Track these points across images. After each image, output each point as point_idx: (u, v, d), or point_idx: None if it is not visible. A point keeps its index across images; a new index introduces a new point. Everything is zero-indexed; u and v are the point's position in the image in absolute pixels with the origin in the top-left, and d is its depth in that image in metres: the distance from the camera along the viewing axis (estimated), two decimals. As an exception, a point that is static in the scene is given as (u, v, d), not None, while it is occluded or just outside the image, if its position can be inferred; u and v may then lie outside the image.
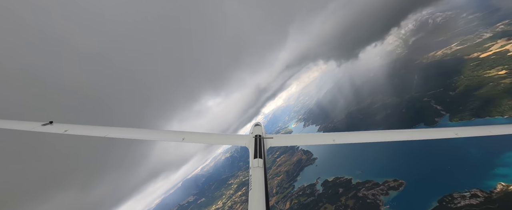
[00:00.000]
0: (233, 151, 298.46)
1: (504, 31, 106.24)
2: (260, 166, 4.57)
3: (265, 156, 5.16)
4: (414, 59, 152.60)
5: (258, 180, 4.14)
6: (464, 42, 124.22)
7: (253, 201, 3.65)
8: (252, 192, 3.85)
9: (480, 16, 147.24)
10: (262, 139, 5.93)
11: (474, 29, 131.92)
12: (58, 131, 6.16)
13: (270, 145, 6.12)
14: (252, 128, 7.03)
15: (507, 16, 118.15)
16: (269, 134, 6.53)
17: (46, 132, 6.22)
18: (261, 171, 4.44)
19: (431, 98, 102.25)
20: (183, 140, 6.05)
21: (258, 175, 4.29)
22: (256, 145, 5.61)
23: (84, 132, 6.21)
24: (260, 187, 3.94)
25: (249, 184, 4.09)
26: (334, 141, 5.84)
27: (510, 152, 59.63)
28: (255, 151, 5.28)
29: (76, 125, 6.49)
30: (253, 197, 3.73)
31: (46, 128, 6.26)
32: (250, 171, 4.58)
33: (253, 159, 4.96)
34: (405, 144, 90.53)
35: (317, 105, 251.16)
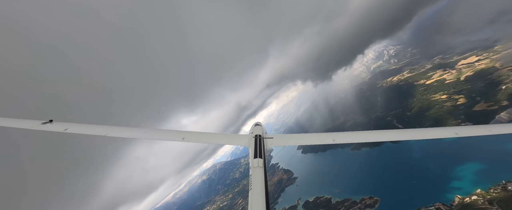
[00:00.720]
0: (210, 173, 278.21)
1: (440, 64, 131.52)
2: (260, 166, 4.54)
3: (265, 156, 5.10)
4: (376, 83, 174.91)
5: (258, 180, 4.12)
6: (412, 70, 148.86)
7: (253, 201, 3.64)
8: (252, 192, 3.83)
9: (421, 51, 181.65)
10: (262, 138, 5.90)
11: (418, 60, 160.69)
12: (58, 130, 6.13)
13: (270, 144, 6.08)
14: (252, 127, 6.95)
15: (441, 52, 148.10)
16: (269, 134, 6.49)
17: (46, 130, 6.16)
18: (261, 171, 4.40)
19: (393, 117, 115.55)
20: (183, 140, 6.04)
21: (258, 175, 4.26)
22: (256, 144, 5.56)
23: (83, 130, 6.15)
24: (260, 187, 3.93)
25: (249, 184, 4.06)
26: (334, 141, 5.83)
27: (461, 166, 68.53)
28: (255, 151, 5.22)
29: (76, 123, 6.42)
30: (253, 197, 3.72)
31: (46, 126, 6.23)
32: (250, 171, 4.54)
33: (253, 159, 4.90)
34: (378, 162, 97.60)
35: (296, 122, 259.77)
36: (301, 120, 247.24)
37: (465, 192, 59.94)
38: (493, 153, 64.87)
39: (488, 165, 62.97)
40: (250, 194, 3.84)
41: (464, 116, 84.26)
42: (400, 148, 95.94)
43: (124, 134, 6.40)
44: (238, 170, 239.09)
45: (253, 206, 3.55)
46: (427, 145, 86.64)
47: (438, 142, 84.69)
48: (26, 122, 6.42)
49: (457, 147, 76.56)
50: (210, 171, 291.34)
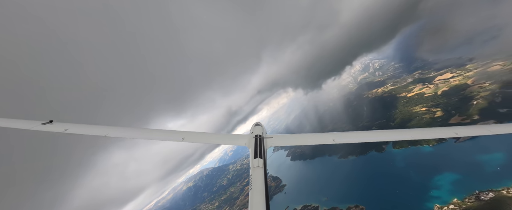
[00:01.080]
0: (197, 179, 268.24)
1: (419, 78, 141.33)
2: (260, 166, 4.55)
3: (265, 156, 5.12)
4: (363, 94, 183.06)
5: (258, 180, 4.12)
6: (395, 83, 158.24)
7: (253, 201, 3.64)
8: (252, 192, 3.83)
9: (403, 65, 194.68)
10: (262, 138, 5.90)
11: (401, 74, 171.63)
12: (58, 130, 6.13)
13: (270, 144, 6.04)
14: (252, 127, 6.95)
15: (420, 67, 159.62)
16: (268, 134, 6.49)
17: (46, 130, 6.15)
18: (261, 171, 4.41)
19: (378, 127, 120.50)
20: (183, 140, 6.06)
21: (258, 175, 4.27)
22: (256, 144, 5.55)
23: (84, 131, 6.14)
24: (260, 187, 3.93)
25: (249, 184, 4.05)
26: (334, 141, 5.82)
27: (439, 176, 72.34)
28: (255, 151, 5.22)
29: (76, 124, 6.41)
30: (254, 197, 3.72)
31: (46, 127, 6.24)
32: (250, 171, 4.55)
33: (253, 159, 4.90)
34: (364, 170, 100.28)
35: (286, 129, 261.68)
36: (291, 126, 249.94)
37: (443, 201, 63.01)
38: (467, 164, 69.51)
39: (463, 175, 67.16)
40: (250, 194, 3.83)
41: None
42: (384, 157, 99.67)
43: (124, 134, 6.37)
44: (226, 176, 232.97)
45: (253, 206, 3.55)
46: (409, 155, 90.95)
47: (419, 152, 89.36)
48: (26, 123, 6.40)
49: (435, 157, 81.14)
50: (197, 177, 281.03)
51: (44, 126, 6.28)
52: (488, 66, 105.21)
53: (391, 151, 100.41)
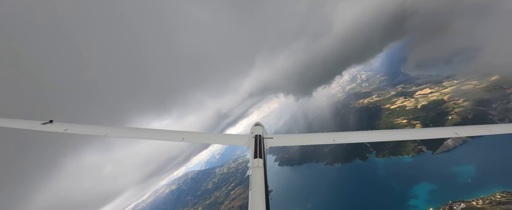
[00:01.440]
0: (181, 182, 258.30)
1: (402, 92, 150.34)
2: (260, 166, 4.55)
3: (265, 156, 5.11)
4: (350, 103, 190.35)
5: (258, 180, 4.12)
6: (380, 95, 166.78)
7: (253, 201, 3.65)
8: (252, 192, 3.83)
9: (387, 79, 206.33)
10: (262, 139, 5.89)
11: (385, 87, 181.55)
12: (58, 130, 6.16)
13: (270, 145, 6.04)
14: (252, 127, 6.99)
15: (403, 82, 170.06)
16: (269, 134, 6.50)
17: (46, 130, 6.18)
18: (261, 171, 4.42)
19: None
20: (183, 140, 6.10)
21: (258, 175, 4.26)
22: (256, 144, 5.54)
23: (84, 131, 6.18)
24: (260, 187, 3.94)
25: (249, 184, 4.08)
26: (334, 141, 5.84)
27: (417, 185, 76.30)
28: (255, 151, 5.19)
29: (76, 124, 6.44)
30: (254, 197, 3.73)
31: (46, 127, 6.28)
32: (250, 171, 4.54)
33: (253, 159, 4.88)
34: (349, 177, 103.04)
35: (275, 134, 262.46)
36: (281, 131, 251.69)
37: (421, 210, 66.45)
38: (442, 175, 74.24)
39: (438, 186, 71.50)
40: (251, 194, 3.84)
41: (421, 140, 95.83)
42: (367, 166, 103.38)
43: (124, 134, 6.40)
44: (211, 180, 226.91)
45: (253, 206, 3.54)
46: (391, 164, 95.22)
47: (399, 162, 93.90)
48: (27, 123, 6.42)
49: (414, 168, 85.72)
50: (181, 180, 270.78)
51: (44, 126, 6.32)
52: (462, 84, 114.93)
53: (374, 160, 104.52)
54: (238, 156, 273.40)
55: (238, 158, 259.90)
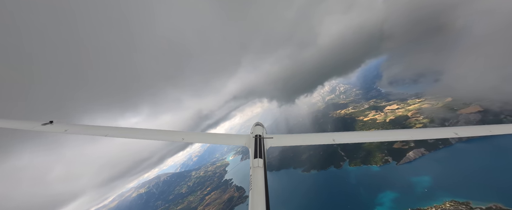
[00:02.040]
0: (151, 185, 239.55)
1: (373, 106, 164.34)
2: (260, 166, 4.54)
3: (265, 156, 5.08)
4: (328, 113, 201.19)
5: (258, 180, 4.10)
6: (355, 107, 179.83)
7: (253, 201, 3.64)
8: (253, 192, 3.82)
9: (362, 92, 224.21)
10: (262, 138, 5.89)
11: (360, 100, 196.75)
12: (58, 131, 6.20)
13: (270, 144, 6.02)
14: (253, 127, 7.03)
15: (375, 96, 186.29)
16: (268, 134, 6.49)
17: (46, 131, 6.19)
18: (261, 171, 4.41)
19: (338, 145, 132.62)
20: (183, 140, 6.13)
21: (259, 175, 4.24)
22: (256, 144, 5.52)
23: (84, 131, 6.20)
24: (260, 187, 3.93)
25: (250, 184, 4.06)
26: (334, 141, 5.86)
27: (382, 193, 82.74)
28: (255, 151, 5.18)
29: (76, 124, 6.48)
30: (254, 197, 3.72)
31: (46, 127, 6.28)
32: (250, 171, 4.53)
33: (253, 159, 4.87)
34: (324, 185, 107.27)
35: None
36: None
37: (385, 217, 71.90)
38: (403, 184, 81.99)
39: (400, 194, 78.59)
40: (251, 194, 3.80)
41: (387, 151, 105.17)
42: (341, 174, 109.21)
43: (124, 134, 6.33)
44: (186, 183, 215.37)
45: (253, 206, 3.53)
46: (361, 173, 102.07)
47: (368, 170, 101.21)
48: (27, 123, 6.43)
49: (380, 176, 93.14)
50: (152, 183, 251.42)
51: (44, 126, 6.30)
52: (423, 103, 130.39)
53: (347, 168, 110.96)
54: (216, 159, 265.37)
55: (216, 161, 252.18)
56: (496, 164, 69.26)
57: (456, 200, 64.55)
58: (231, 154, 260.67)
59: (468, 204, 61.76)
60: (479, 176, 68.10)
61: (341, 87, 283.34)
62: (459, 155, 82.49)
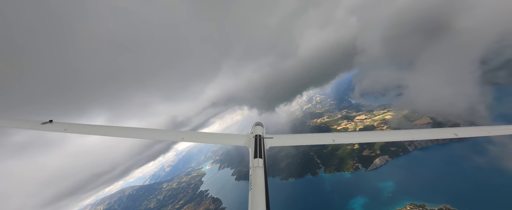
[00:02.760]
0: (113, 201, 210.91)
1: (345, 116, 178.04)
2: (260, 166, 4.52)
3: (265, 156, 5.04)
4: (306, 121, 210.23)
5: (258, 180, 4.08)
6: (330, 117, 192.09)
7: (253, 201, 3.60)
8: (253, 192, 3.81)
9: (335, 103, 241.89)
10: (262, 138, 5.91)
11: (334, 110, 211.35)
12: (57, 130, 6.23)
13: (270, 144, 6.02)
14: (253, 127, 7.03)
15: (347, 107, 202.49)
16: (268, 134, 6.49)
17: (45, 130, 6.21)
18: (261, 171, 4.37)
19: (314, 153, 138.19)
20: (182, 139, 6.20)
21: (259, 175, 4.22)
22: (256, 144, 5.48)
23: (83, 131, 6.25)
24: (260, 186, 3.91)
25: (249, 184, 4.03)
26: (333, 141, 5.91)
27: (353, 199, 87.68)
28: (255, 151, 5.12)
29: (76, 124, 6.48)
30: (254, 197, 3.68)
31: (46, 126, 6.30)
32: (250, 171, 4.49)
33: (253, 159, 4.82)
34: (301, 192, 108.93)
35: (235, 146, 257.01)
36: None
37: (356, 222, 75.75)
38: (371, 189, 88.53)
39: (369, 199, 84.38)
40: (251, 194, 3.76)
41: (357, 158, 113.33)
42: (317, 181, 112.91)
43: (124, 134, 6.29)
44: (156, 197, 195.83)
45: (253, 206, 3.51)
46: (335, 180, 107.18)
47: (341, 177, 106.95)
48: (26, 122, 6.41)
49: (352, 183, 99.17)
50: (114, 198, 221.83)
51: (44, 125, 6.28)
52: (386, 114, 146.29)
53: (322, 175, 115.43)
54: (192, 169, 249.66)
55: (192, 171, 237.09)
56: (448, 170, 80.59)
57: (415, 203, 72.12)
58: (208, 163, 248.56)
59: (424, 206, 69.50)
60: (433, 180, 78.03)
61: (317, 97, 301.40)
62: (416, 161, 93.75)
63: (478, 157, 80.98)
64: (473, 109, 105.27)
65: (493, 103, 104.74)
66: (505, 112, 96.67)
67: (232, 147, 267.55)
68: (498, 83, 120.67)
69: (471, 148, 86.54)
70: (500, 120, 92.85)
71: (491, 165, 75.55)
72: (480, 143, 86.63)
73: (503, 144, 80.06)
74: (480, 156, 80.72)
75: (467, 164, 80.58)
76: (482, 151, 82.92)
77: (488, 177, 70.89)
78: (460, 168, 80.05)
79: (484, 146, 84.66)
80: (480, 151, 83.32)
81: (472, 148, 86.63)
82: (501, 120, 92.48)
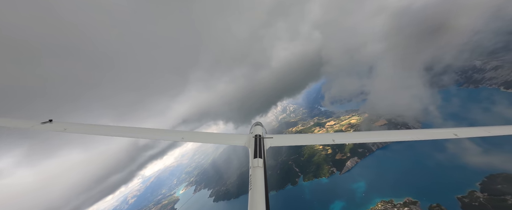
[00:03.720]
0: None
1: (317, 123, 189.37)
2: (260, 166, 4.56)
3: (265, 156, 5.05)
4: (282, 131, 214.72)
5: (258, 180, 4.08)
6: (303, 125, 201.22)
7: (253, 200, 3.62)
8: (252, 192, 3.84)
9: (307, 111, 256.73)
10: (262, 138, 5.92)
11: (306, 118, 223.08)
12: (57, 129, 6.26)
13: (270, 144, 5.97)
14: (252, 127, 7.03)
15: (317, 114, 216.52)
16: (268, 134, 6.51)
17: (45, 130, 6.24)
18: (261, 170, 4.42)
19: (293, 162, 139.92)
20: (182, 139, 6.24)
21: (258, 175, 4.25)
22: (256, 144, 5.52)
23: (83, 130, 6.27)
24: (260, 186, 3.91)
25: (249, 184, 4.03)
26: (333, 141, 5.92)
27: (333, 204, 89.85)
28: (255, 151, 5.19)
29: (75, 123, 6.52)
30: (254, 197, 3.71)
31: (46, 126, 6.34)
32: (250, 171, 4.50)
33: (253, 159, 4.86)
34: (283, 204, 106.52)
35: (212, 164, 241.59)
36: (218, 161, 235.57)
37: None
38: (347, 191, 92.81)
39: (346, 202, 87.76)
40: (250, 194, 3.76)
41: (332, 162, 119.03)
42: (297, 190, 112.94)
43: (123, 133, 6.26)
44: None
45: (253, 205, 3.55)
46: (314, 187, 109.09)
47: (319, 183, 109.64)
48: (26, 122, 6.47)
49: (329, 187, 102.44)
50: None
51: (44, 125, 6.31)
52: (351, 119, 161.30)
53: (302, 183, 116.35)
54: (163, 196, 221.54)
55: (162, 199, 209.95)
56: (407, 166, 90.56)
57: (384, 200, 77.99)
58: (182, 187, 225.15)
59: (392, 202, 75.65)
60: (396, 176, 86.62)
61: (291, 107, 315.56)
62: (380, 160, 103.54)
63: (433, 152, 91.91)
64: (427, 110, 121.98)
65: (442, 104, 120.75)
66: (453, 111, 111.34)
67: (209, 165, 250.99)
68: (444, 86, 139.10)
69: (424, 144, 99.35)
70: (450, 119, 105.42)
71: (443, 159, 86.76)
72: (433, 140, 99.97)
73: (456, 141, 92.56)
74: (436, 152, 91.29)
75: (423, 158, 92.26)
76: (437, 147, 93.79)
77: (440, 169, 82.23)
78: (417, 162, 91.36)
79: (440, 143, 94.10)
80: (434, 146, 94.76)
81: (424, 143, 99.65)
82: (451, 119, 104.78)
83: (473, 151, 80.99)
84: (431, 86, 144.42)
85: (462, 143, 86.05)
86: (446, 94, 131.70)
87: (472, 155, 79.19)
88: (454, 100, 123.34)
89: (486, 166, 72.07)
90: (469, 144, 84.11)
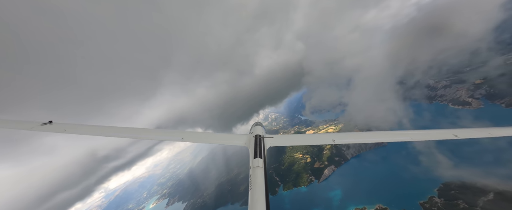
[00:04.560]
0: None
1: (297, 131, 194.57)
2: (260, 166, 4.56)
3: (265, 156, 5.07)
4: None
5: (258, 180, 4.09)
6: (284, 133, 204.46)
7: (253, 200, 3.62)
8: (252, 192, 3.85)
9: (288, 120, 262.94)
10: (262, 138, 5.93)
11: (287, 127, 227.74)
12: (57, 131, 6.29)
13: (270, 144, 5.97)
14: (252, 127, 7.07)
15: (298, 123, 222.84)
16: (269, 134, 6.43)
17: (45, 131, 6.24)
18: (261, 170, 4.42)
19: (273, 171, 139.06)
20: (182, 139, 6.22)
21: (258, 175, 4.26)
22: (256, 144, 5.53)
23: (83, 131, 6.25)
24: (260, 186, 3.91)
25: (249, 184, 4.03)
26: (333, 141, 5.89)
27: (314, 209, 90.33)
28: (255, 151, 5.20)
29: (75, 124, 6.53)
30: (254, 197, 3.71)
31: (45, 127, 6.36)
32: (250, 171, 4.49)
33: (253, 159, 4.87)
34: None
35: (189, 174, 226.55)
36: (196, 171, 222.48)
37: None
38: (325, 199, 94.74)
39: None
40: (250, 194, 3.76)
41: (311, 171, 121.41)
42: (277, 200, 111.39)
43: (123, 134, 6.24)
44: None
45: (253, 205, 3.54)
46: (293, 196, 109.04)
47: (298, 192, 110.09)
48: (26, 123, 6.46)
49: (308, 196, 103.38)
50: None
51: (43, 126, 6.33)
52: (328, 128, 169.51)
53: (282, 193, 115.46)
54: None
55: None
56: (379, 173, 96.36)
57: (358, 207, 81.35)
58: (153, 200, 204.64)
59: (365, 209, 79.22)
60: (368, 184, 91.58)
61: (272, 115, 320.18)
62: (354, 168, 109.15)
63: (400, 159, 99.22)
64: (401, 122, 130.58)
65: (414, 117, 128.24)
66: (424, 124, 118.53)
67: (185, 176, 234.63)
68: (416, 100, 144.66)
69: (393, 152, 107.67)
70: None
71: (409, 164, 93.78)
72: (400, 147, 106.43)
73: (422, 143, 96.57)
74: (402, 159, 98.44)
75: (392, 166, 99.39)
76: (405, 154, 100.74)
77: (408, 175, 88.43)
78: (387, 170, 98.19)
79: (407, 150, 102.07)
80: (401, 154, 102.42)
81: (394, 151, 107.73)
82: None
83: (445, 164, 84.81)
84: (404, 100, 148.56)
85: (434, 157, 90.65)
86: (417, 108, 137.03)
87: (444, 169, 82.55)
88: (425, 114, 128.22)
89: (455, 179, 75.09)
90: (441, 158, 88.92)
